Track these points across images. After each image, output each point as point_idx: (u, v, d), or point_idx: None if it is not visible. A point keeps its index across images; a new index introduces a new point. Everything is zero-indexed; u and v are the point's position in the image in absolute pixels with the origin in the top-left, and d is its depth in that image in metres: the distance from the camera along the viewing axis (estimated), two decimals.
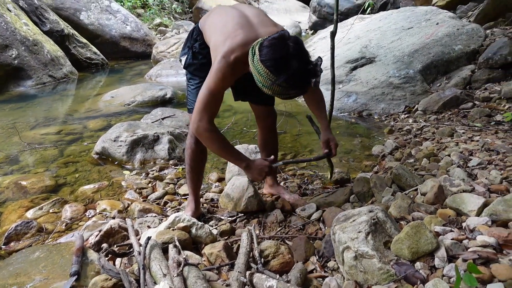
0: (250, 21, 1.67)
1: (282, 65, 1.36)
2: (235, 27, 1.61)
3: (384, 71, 4.18)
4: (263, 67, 1.39)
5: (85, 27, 7.69)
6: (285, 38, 1.40)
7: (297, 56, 1.37)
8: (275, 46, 1.38)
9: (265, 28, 1.64)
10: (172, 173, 2.76)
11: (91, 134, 3.69)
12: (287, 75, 1.36)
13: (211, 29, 1.74)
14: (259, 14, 1.76)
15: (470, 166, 2.08)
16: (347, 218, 1.44)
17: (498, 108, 3.14)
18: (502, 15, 4.69)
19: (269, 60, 1.37)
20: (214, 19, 1.78)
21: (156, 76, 6.19)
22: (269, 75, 1.38)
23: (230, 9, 1.79)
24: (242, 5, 1.90)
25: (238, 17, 1.68)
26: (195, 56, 1.85)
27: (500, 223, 1.38)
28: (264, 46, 1.40)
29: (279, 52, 1.37)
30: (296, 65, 1.36)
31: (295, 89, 1.43)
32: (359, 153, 2.98)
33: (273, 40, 1.40)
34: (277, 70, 1.37)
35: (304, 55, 1.40)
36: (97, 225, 1.99)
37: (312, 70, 1.39)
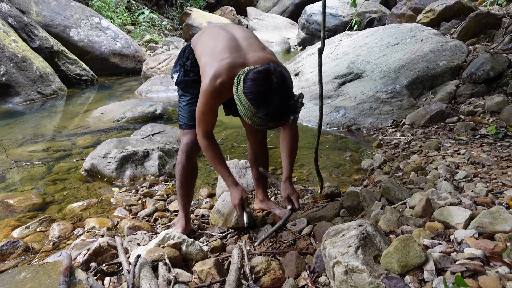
0: (239, 44, 1.70)
1: (263, 99, 1.40)
2: (224, 50, 1.65)
3: (372, 86, 4.26)
4: (245, 99, 1.43)
5: (75, 44, 7.69)
6: (269, 72, 1.42)
7: (278, 91, 1.40)
8: (259, 80, 1.41)
9: (253, 52, 1.67)
10: (162, 190, 2.74)
11: (80, 151, 3.66)
12: (267, 110, 1.40)
13: (202, 49, 1.79)
14: (249, 37, 1.79)
15: (456, 179, 2.12)
16: (337, 232, 1.45)
17: (483, 121, 3.22)
18: (483, 32, 4.84)
19: (251, 93, 1.41)
20: (205, 40, 1.82)
21: (146, 92, 6.19)
22: (250, 107, 1.43)
23: (221, 31, 1.82)
24: (233, 26, 1.93)
25: (228, 39, 1.71)
26: (186, 74, 1.89)
27: (487, 235, 1.41)
28: (248, 78, 1.44)
29: (261, 87, 1.40)
30: (277, 101, 1.40)
31: (274, 122, 1.47)
32: (348, 167, 3.01)
33: (258, 73, 1.43)
34: (258, 104, 1.41)
35: (286, 90, 1.44)
36: (85, 244, 1.96)
37: (292, 106, 1.43)
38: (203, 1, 14.01)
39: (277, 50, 9.84)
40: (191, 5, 13.32)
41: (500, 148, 2.64)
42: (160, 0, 13.21)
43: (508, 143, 2.70)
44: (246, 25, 13.23)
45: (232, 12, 13.19)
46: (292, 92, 1.46)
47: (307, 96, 4.67)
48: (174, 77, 1.95)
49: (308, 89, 4.84)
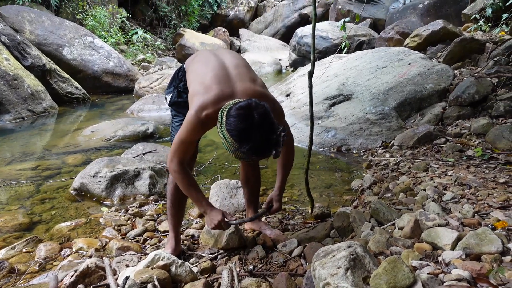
0: (228, 73, 1.72)
1: (245, 136, 1.43)
2: (212, 80, 1.67)
3: (361, 107, 4.34)
4: (228, 135, 1.46)
5: (68, 62, 7.73)
6: (251, 108, 1.44)
7: (260, 127, 1.42)
8: (240, 116, 1.44)
9: (242, 83, 1.70)
10: (152, 209, 2.72)
11: (70, 170, 3.63)
12: (249, 146, 1.43)
13: (192, 76, 1.81)
14: (239, 65, 1.80)
15: (444, 200, 2.16)
16: (327, 253, 1.45)
17: (469, 143, 3.29)
18: (468, 57, 5.01)
19: (233, 130, 1.44)
20: (196, 66, 1.84)
21: (138, 111, 6.21)
22: (233, 142, 1.45)
23: (211, 57, 1.84)
24: (225, 52, 1.95)
25: (217, 68, 1.74)
26: (179, 95, 1.93)
27: (474, 257, 1.43)
28: (230, 114, 1.46)
29: (243, 123, 1.43)
30: (258, 137, 1.42)
31: (256, 157, 1.50)
32: (339, 187, 3.04)
33: (239, 109, 1.45)
34: (240, 140, 1.44)
35: (268, 126, 1.45)
36: (72, 265, 1.93)
37: (274, 141, 1.44)
38: (196, 22, 14.26)
39: (268, 71, 9.99)
40: (185, 26, 13.53)
41: (486, 169, 2.69)
42: (154, 21, 13.41)
43: (493, 164, 2.76)
44: (238, 46, 13.45)
45: (225, 33, 13.42)
46: (275, 126, 1.47)
47: (298, 116, 4.73)
48: (168, 98, 1.99)
49: (299, 110, 4.91)
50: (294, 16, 14.06)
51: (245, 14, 15.59)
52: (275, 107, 1.77)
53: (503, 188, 2.24)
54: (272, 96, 1.81)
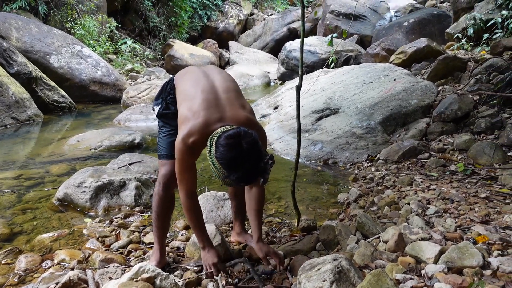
0: (218, 98, 1.74)
1: (234, 165, 1.47)
2: (201, 106, 1.69)
3: (348, 121, 4.41)
4: (217, 163, 1.50)
5: (54, 70, 7.65)
6: (240, 137, 1.48)
7: (249, 156, 1.47)
8: (230, 146, 1.47)
9: (231, 108, 1.72)
10: (137, 221, 2.69)
11: (53, 179, 3.56)
12: (238, 174, 1.48)
13: (181, 97, 1.83)
14: (229, 90, 1.82)
15: (427, 214, 2.20)
16: (312, 266, 1.46)
17: (452, 158, 3.37)
18: (451, 74, 5.16)
19: (223, 159, 1.48)
20: (186, 86, 1.85)
21: (125, 121, 6.16)
22: (222, 170, 1.49)
23: (202, 78, 1.84)
24: (215, 73, 1.94)
25: (207, 92, 1.75)
26: (167, 107, 1.95)
27: (455, 270, 1.46)
28: (219, 143, 1.49)
29: (232, 153, 1.46)
30: (247, 165, 1.47)
31: (244, 183, 1.58)
32: (325, 200, 3.06)
33: (228, 139, 1.48)
34: (229, 169, 1.48)
35: (257, 154, 1.49)
36: (54, 277, 1.88)
37: (262, 168, 1.50)
38: (186, 34, 14.33)
39: (257, 84, 10.07)
40: (174, 37, 13.58)
41: (468, 184, 2.76)
42: (143, 31, 13.42)
43: (475, 179, 2.83)
44: (227, 58, 13.53)
45: (214, 45, 13.51)
46: (262, 154, 1.51)
47: (286, 129, 4.77)
48: (156, 110, 2.00)
49: (287, 123, 4.95)
50: (283, 30, 14.27)
51: (235, 27, 15.75)
52: (262, 135, 1.80)
53: (484, 203, 2.29)
54: (259, 123, 1.84)
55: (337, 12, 10.95)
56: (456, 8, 7.66)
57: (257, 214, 1.91)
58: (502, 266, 1.44)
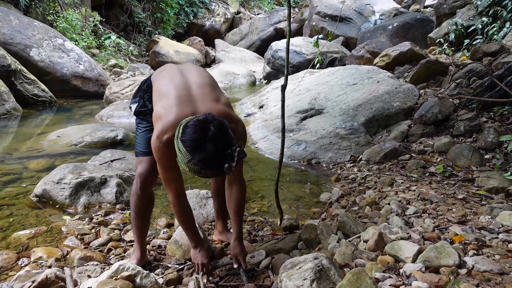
0: (191, 94, 1.72)
1: (198, 146, 1.42)
2: (174, 102, 1.67)
3: (332, 122, 4.46)
4: (182, 146, 1.46)
5: (35, 64, 7.45)
6: (207, 121, 1.45)
7: (214, 140, 1.42)
8: (196, 127, 1.44)
9: (204, 102, 1.70)
10: (118, 218, 2.65)
11: (32, 175, 3.48)
12: (201, 156, 1.42)
13: (156, 93, 1.82)
14: (204, 85, 1.80)
15: (407, 214, 2.24)
16: (293, 265, 1.47)
17: (432, 160, 3.44)
18: (433, 78, 5.27)
19: (187, 140, 1.44)
20: (161, 84, 1.84)
21: (108, 117, 6.06)
22: (186, 153, 1.44)
23: (176, 75, 1.83)
24: (191, 70, 1.92)
25: (180, 89, 1.73)
26: (145, 105, 1.94)
27: (432, 269, 1.49)
28: (187, 126, 1.47)
29: (197, 134, 1.43)
30: (211, 148, 1.41)
31: (209, 170, 1.47)
32: (308, 199, 3.08)
33: (196, 121, 1.46)
34: (193, 150, 1.43)
35: (223, 139, 1.44)
36: (30, 275, 1.83)
37: (229, 154, 1.43)
38: (171, 30, 14.19)
39: (242, 83, 10.06)
40: (159, 33, 13.42)
41: (447, 186, 2.82)
42: (128, 26, 13.21)
43: (453, 181, 2.90)
44: (213, 56, 13.47)
45: (200, 43, 13.42)
46: (231, 141, 1.46)
47: (270, 128, 4.78)
48: (133, 108, 1.99)
49: (272, 122, 4.97)
50: (269, 30, 14.30)
51: (221, 25, 15.69)
52: (238, 128, 1.76)
53: (462, 204, 2.35)
54: (236, 117, 1.80)
55: (323, 14, 11.04)
56: (438, 13, 7.84)
57: (237, 213, 1.89)
58: (477, 265, 1.49)
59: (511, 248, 1.66)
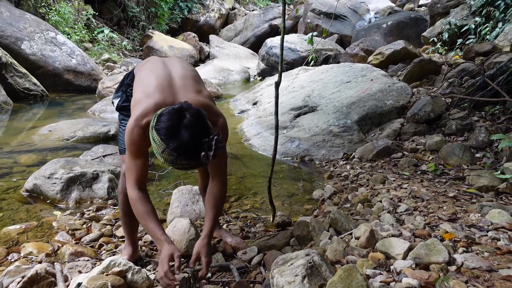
0: (173, 84, 1.68)
1: (172, 134, 1.36)
2: (155, 89, 1.63)
3: (325, 119, 4.47)
4: (156, 135, 1.40)
5: (26, 57, 7.35)
6: (183, 109, 1.39)
7: (190, 128, 1.35)
8: (170, 115, 1.39)
9: (185, 93, 1.65)
10: (110, 214, 2.64)
11: (22, 170, 3.44)
12: (175, 144, 1.35)
13: (137, 83, 1.77)
14: (186, 77, 1.76)
15: (398, 212, 2.26)
16: (285, 261, 1.48)
17: (424, 158, 3.47)
18: (426, 76, 5.31)
19: (161, 129, 1.38)
20: (143, 74, 1.80)
21: (100, 112, 6.01)
22: (160, 142, 1.38)
23: (159, 66, 1.80)
24: (174, 62, 1.88)
25: (162, 78, 1.69)
26: (128, 99, 1.89)
27: (423, 266, 1.50)
28: (162, 114, 1.41)
29: (172, 121, 1.37)
30: (186, 136, 1.35)
31: (185, 160, 1.40)
32: (300, 196, 3.09)
33: (171, 109, 1.41)
34: (167, 138, 1.37)
35: (200, 127, 1.38)
36: (20, 271, 1.82)
37: (205, 143, 1.36)
38: (165, 25, 14.08)
39: (236, 79, 10.04)
40: (153, 28, 13.31)
41: (438, 184, 2.85)
42: (122, 21, 13.08)
43: (445, 179, 2.93)
44: (207, 52, 13.40)
45: (195, 38, 13.34)
46: (208, 130, 1.40)
47: (264, 125, 4.78)
48: (115, 102, 1.94)
49: (265, 119, 4.96)
50: (264, 27, 14.25)
51: (216, 21, 15.61)
52: (219, 122, 1.70)
53: (452, 202, 2.38)
54: (218, 110, 1.75)
55: (318, 11, 11.04)
56: (432, 12, 7.88)
57: (213, 209, 1.78)
58: (466, 262, 1.50)
59: (500, 245, 1.69)
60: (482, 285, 1.35)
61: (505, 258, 1.55)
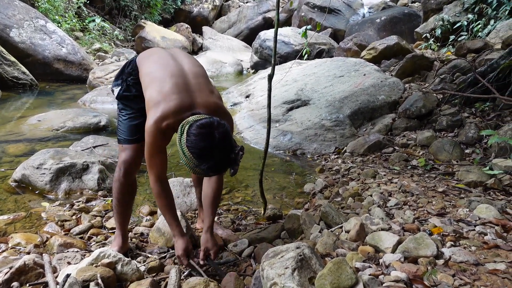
0: (187, 83, 1.69)
1: (205, 155, 1.46)
2: (172, 90, 1.63)
3: (317, 113, 4.47)
4: (188, 152, 1.47)
5: (15, 45, 7.20)
6: (213, 127, 1.47)
7: (220, 147, 1.46)
8: (202, 135, 1.45)
9: (201, 94, 1.68)
10: (100, 205, 2.61)
11: (11, 160, 3.39)
12: (208, 164, 1.47)
13: (148, 78, 1.75)
14: (198, 75, 1.77)
15: (388, 206, 2.28)
16: (275, 254, 1.48)
17: (414, 154, 3.50)
18: (418, 72, 5.33)
19: (194, 148, 1.45)
20: (152, 67, 1.78)
21: (91, 102, 5.94)
22: (192, 159, 1.47)
23: (170, 61, 1.79)
24: (183, 57, 1.88)
25: (177, 76, 1.69)
26: (128, 89, 1.87)
27: (411, 260, 1.52)
28: (191, 132, 1.47)
29: (204, 142, 1.44)
30: (218, 156, 1.46)
31: (214, 173, 1.56)
32: (292, 190, 3.10)
33: (201, 128, 1.46)
34: (200, 159, 1.46)
35: (228, 145, 1.48)
36: (8, 261, 1.80)
37: (233, 159, 1.49)
38: (158, 16, 13.91)
39: (229, 71, 9.98)
40: (146, 18, 13.15)
41: (428, 179, 2.88)
42: (114, 10, 12.88)
43: (434, 174, 2.96)
44: (200, 44, 13.29)
45: (188, 29, 13.21)
46: (233, 145, 1.51)
47: (256, 118, 4.77)
48: (115, 91, 1.91)
49: (258, 112, 4.95)
50: (258, 19, 14.17)
51: (209, 12, 15.47)
52: (230, 122, 1.79)
53: (441, 196, 2.40)
54: (227, 110, 1.82)
55: (312, 4, 10.99)
56: (426, 8, 7.90)
57: (212, 202, 1.86)
58: (454, 256, 1.52)
59: (487, 240, 1.71)
60: (468, 279, 1.37)
61: (491, 252, 1.58)
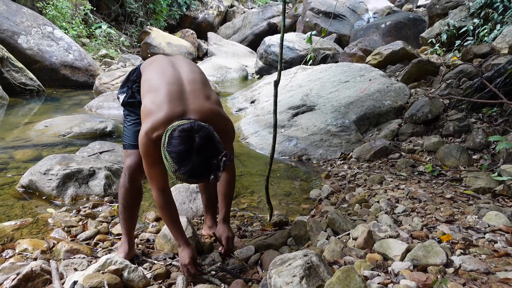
0: (182, 90, 1.69)
1: (183, 158, 1.43)
2: (164, 99, 1.63)
3: (323, 119, 4.46)
4: (168, 156, 1.46)
5: (23, 52, 7.29)
6: (192, 131, 1.44)
7: (200, 151, 1.42)
8: (181, 138, 1.43)
9: (195, 100, 1.67)
10: (106, 211, 2.62)
11: (18, 165, 3.41)
12: (186, 168, 1.43)
13: (146, 86, 1.77)
14: (195, 82, 1.77)
15: (396, 212, 2.26)
16: (283, 262, 1.47)
17: (421, 159, 3.48)
18: (424, 77, 5.31)
19: (173, 152, 1.44)
20: (151, 76, 1.80)
21: (97, 108, 5.97)
22: (172, 164, 1.46)
23: (168, 68, 1.80)
24: (183, 64, 1.88)
25: (172, 83, 1.70)
26: (133, 96, 1.90)
27: (420, 268, 1.50)
28: (172, 136, 1.46)
29: (183, 146, 1.42)
30: (197, 160, 1.42)
31: (195, 180, 1.51)
32: (298, 196, 3.09)
33: (182, 132, 1.45)
34: (179, 162, 1.44)
35: (209, 149, 1.45)
36: (15, 267, 1.80)
37: (214, 165, 1.44)
38: (163, 22, 14.02)
39: (234, 77, 10.01)
40: (151, 24, 13.25)
41: (435, 185, 2.85)
42: (120, 16, 13.01)
43: (442, 180, 2.93)
44: (205, 50, 13.35)
45: (193, 35, 13.29)
46: (217, 150, 1.46)
47: (262, 124, 4.77)
48: (121, 98, 1.95)
49: (263, 117, 4.95)
50: (262, 25, 14.22)
51: (214, 18, 15.56)
52: (228, 127, 1.78)
53: (449, 203, 2.38)
54: (226, 115, 1.80)
55: (317, 10, 11.02)
56: (431, 13, 7.89)
57: (225, 196, 1.95)
58: (464, 264, 1.50)
59: (497, 248, 1.69)
60: None
61: (502, 261, 1.56)
